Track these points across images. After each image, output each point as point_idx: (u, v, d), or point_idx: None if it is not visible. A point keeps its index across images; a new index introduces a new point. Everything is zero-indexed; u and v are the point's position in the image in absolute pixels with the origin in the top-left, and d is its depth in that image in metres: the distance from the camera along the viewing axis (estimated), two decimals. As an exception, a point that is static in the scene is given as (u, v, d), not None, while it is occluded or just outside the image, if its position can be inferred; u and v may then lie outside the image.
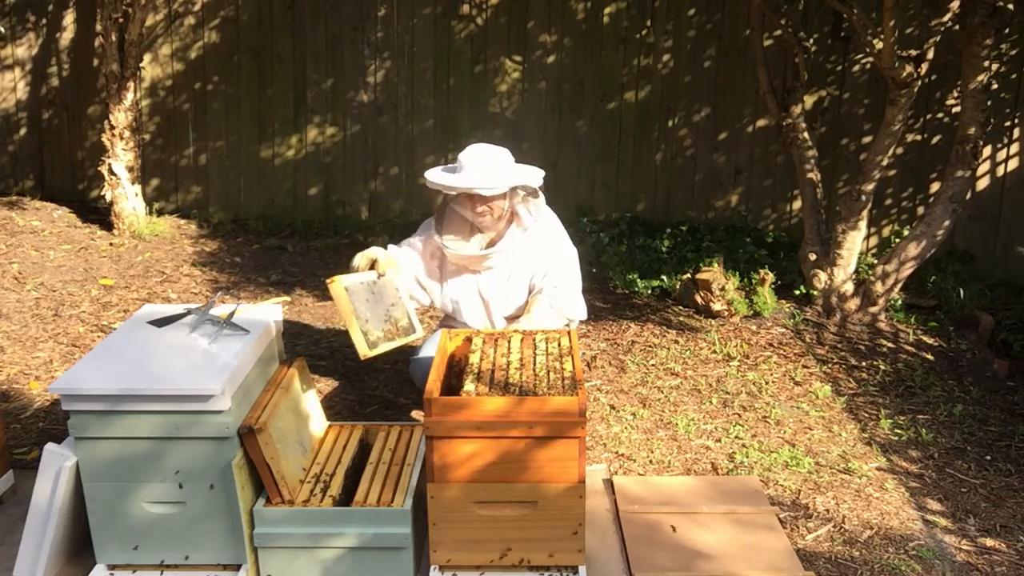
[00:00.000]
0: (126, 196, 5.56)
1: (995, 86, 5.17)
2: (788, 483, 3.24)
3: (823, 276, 4.67)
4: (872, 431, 3.64)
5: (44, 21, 5.95)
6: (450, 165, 3.36)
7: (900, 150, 5.43)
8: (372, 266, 3.24)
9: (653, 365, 4.17)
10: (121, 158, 5.48)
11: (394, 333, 3.17)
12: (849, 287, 4.64)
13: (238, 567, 2.53)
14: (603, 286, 5.10)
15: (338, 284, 3.06)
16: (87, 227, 5.73)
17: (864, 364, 4.25)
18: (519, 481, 2.49)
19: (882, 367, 4.21)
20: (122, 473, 2.46)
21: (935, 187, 5.47)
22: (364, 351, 3.02)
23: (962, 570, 2.81)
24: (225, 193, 6.09)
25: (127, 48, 5.35)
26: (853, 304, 4.63)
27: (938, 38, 4.36)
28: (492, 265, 3.32)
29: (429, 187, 3.24)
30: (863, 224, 4.60)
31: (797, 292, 4.83)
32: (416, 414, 3.66)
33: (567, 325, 3.45)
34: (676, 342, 4.41)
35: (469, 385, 2.63)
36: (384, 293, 3.20)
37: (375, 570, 2.52)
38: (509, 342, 2.92)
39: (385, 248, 3.34)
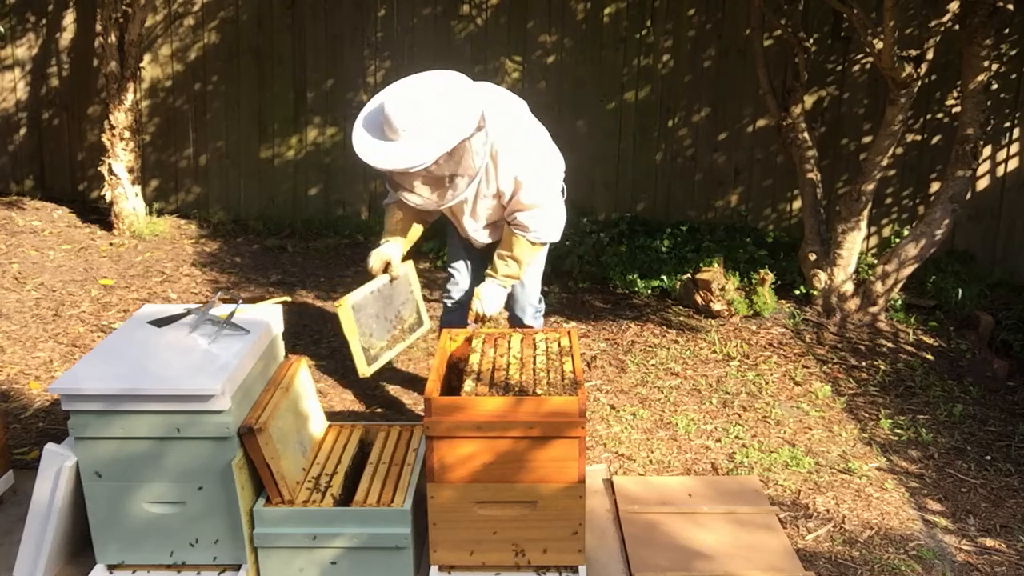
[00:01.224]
0: (126, 196, 5.56)
1: (995, 86, 5.16)
2: (788, 483, 3.23)
3: (823, 276, 4.67)
4: (872, 431, 3.64)
5: (44, 21, 5.95)
6: (374, 108, 2.88)
7: (900, 150, 5.43)
8: (386, 267, 3.22)
9: (653, 365, 4.17)
10: (121, 158, 5.47)
11: (399, 337, 3.19)
12: (849, 287, 4.63)
13: (238, 567, 2.53)
14: (603, 286, 5.10)
15: (345, 307, 3.05)
16: (87, 227, 5.73)
17: (864, 364, 4.24)
18: (519, 481, 2.49)
19: (882, 367, 4.20)
20: (122, 473, 2.46)
21: (935, 187, 5.47)
22: (363, 370, 3.02)
23: (962, 570, 2.81)
24: (225, 193, 6.09)
25: (127, 48, 5.35)
26: (853, 304, 4.63)
27: (938, 38, 4.36)
28: (458, 199, 3.04)
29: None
30: (863, 224, 4.60)
31: (797, 292, 4.83)
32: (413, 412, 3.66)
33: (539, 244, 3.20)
34: (676, 342, 4.41)
35: (469, 385, 2.63)
36: (396, 294, 3.18)
37: (375, 570, 2.52)
38: (509, 342, 2.92)
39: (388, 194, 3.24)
